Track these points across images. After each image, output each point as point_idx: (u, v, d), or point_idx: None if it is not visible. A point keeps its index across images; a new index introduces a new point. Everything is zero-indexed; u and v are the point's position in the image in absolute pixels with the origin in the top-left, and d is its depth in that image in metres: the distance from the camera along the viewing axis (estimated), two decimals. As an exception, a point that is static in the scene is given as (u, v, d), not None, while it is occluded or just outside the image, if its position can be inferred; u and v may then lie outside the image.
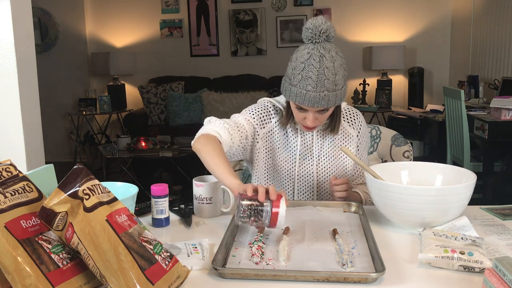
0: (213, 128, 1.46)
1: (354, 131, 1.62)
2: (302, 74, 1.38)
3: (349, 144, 1.61)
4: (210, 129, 1.46)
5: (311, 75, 1.37)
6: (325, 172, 1.60)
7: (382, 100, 5.40)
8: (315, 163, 1.59)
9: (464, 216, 1.24)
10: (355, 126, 1.62)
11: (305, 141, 1.59)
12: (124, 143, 4.19)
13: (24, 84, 2.08)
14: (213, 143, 1.40)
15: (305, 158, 1.59)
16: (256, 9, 5.69)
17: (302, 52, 1.40)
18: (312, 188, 1.60)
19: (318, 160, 1.59)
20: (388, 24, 5.54)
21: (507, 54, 4.31)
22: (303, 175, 1.59)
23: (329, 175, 1.60)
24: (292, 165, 1.59)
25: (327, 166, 1.60)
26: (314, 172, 1.59)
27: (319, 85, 1.37)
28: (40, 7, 5.59)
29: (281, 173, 1.60)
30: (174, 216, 1.39)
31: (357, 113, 1.64)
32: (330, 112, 1.47)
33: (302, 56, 1.39)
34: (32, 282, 0.80)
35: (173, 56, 5.85)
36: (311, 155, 1.59)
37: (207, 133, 1.45)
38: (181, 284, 0.93)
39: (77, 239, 0.85)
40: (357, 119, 1.63)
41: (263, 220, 1.13)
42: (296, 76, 1.40)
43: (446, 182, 1.35)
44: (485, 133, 3.43)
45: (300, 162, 1.59)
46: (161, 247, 0.91)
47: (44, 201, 0.93)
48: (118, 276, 0.83)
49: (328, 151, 1.60)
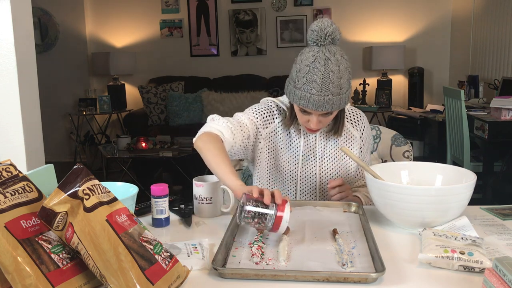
0: (216, 127, 1.46)
1: (357, 133, 1.61)
2: (307, 77, 1.37)
3: (352, 146, 1.61)
4: (212, 127, 1.46)
5: (316, 79, 1.35)
6: (328, 173, 1.59)
7: (382, 100, 5.40)
8: (318, 164, 1.59)
9: (464, 216, 1.24)
10: (359, 127, 1.62)
11: (308, 142, 1.58)
12: (124, 143, 4.19)
13: (24, 84, 2.08)
14: (215, 142, 1.39)
15: (308, 159, 1.59)
16: (256, 9, 5.69)
17: (307, 54, 1.38)
18: (314, 189, 1.60)
19: (321, 162, 1.59)
20: (388, 24, 5.54)
21: (507, 54, 4.31)
22: (305, 177, 1.59)
23: (331, 177, 1.60)
24: (295, 166, 1.58)
25: (330, 168, 1.60)
26: (317, 173, 1.59)
27: (324, 88, 1.35)
28: (40, 7, 5.59)
29: (283, 174, 1.59)
30: (174, 216, 1.39)
31: (360, 115, 1.64)
32: (334, 115, 1.47)
33: (307, 59, 1.37)
34: (32, 282, 0.80)
35: (173, 56, 5.85)
36: (314, 157, 1.59)
37: (209, 131, 1.45)
38: (181, 284, 0.93)
39: (77, 239, 0.85)
40: (361, 120, 1.63)
41: (266, 223, 1.13)
42: (300, 79, 1.38)
43: (446, 182, 1.35)
44: (485, 133, 3.43)
45: (303, 163, 1.58)
46: (161, 247, 0.91)
47: (44, 201, 0.93)
48: (118, 276, 0.83)
49: (331, 153, 1.60)
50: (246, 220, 1.13)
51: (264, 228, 1.15)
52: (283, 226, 1.12)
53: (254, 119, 1.56)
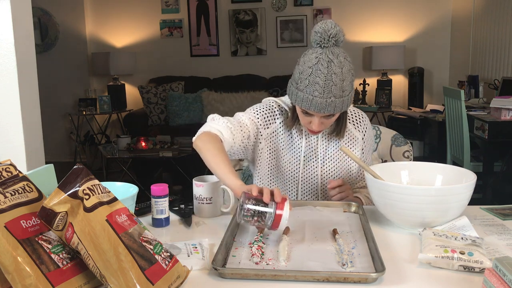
0: (215, 127, 1.45)
1: (359, 134, 1.61)
2: (309, 79, 1.36)
3: (354, 147, 1.60)
4: (212, 127, 1.45)
5: (319, 81, 1.34)
6: (329, 174, 1.59)
7: (382, 100, 5.40)
8: (320, 165, 1.58)
9: (464, 216, 1.24)
10: (361, 128, 1.61)
11: (310, 143, 1.58)
12: (124, 143, 4.19)
13: (24, 84, 2.08)
14: (214, 142, 1.39)
15: (310, 160, 1.58)
16: (256, 9, 5.69)
17: (310, 56, 1.37)
18: (316, 190, 1.60)
19: (322, 163, 1.59)
20: (388, 24, 5.54)
21: (507, 54, 4.31)
22: (307, 177, 1.59)
23: (333, 178, 1.59)
24: (296, 167, 1.58)
25: (331, 169, 1.59)
26: (318, 174, 1.59)
27: (326, 91, 1.35)
28: (40, 7, 5.59)
29: (284, 174, 1.59)
30: (174, 216, 1.39)
31: (363, 116, 1.63)
32: (336, 117, 1.46)
33: (310, 61, 1.36)
34: (32, 282, 0.80)
35: (173, 56, 5.85)
36: (316, 158, 1.58)
37: (208, 131, 1.44)
38: (181, 284, 0.93)
39: (77, 239, 0.85)
40: (363, 121, 1.62)
41: (266, 221, 1.13)
42: (303, 81, 1.37)
43: (446, 182, 1.35)
44: (485, 133, 3.43)
45: (305, 164, 1.58)
46: (161, 247, 0.91)
47: (44, 201, 0.93)
48: (118, 276, 0.83)
49: (333, 154, 1.59)
50: (245, 219, 1.14)
51: (264, 227, 1.15)
52: (282, 224, 1.13)
53: (255, 119, 1.56)
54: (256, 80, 5.58)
